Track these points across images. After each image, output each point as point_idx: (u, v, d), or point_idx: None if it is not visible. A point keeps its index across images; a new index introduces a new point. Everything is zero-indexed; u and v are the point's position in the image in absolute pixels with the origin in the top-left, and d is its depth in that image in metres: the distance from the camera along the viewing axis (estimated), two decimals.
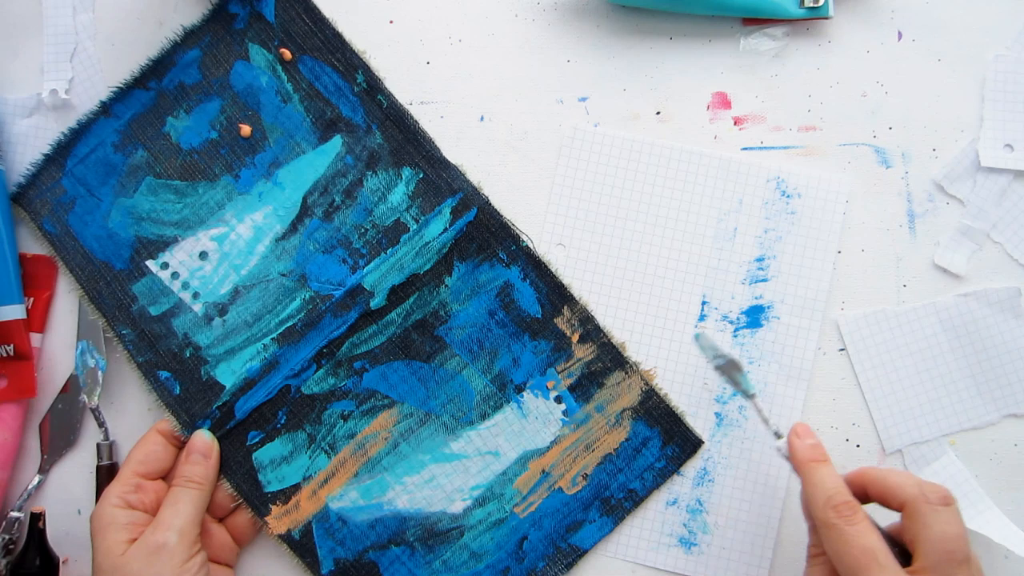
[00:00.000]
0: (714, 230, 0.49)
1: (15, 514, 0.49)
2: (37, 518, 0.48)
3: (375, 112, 0.49)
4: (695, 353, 0.48)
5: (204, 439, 0.47)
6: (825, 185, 0.49)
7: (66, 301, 0.51)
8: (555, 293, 0.48)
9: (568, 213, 0.49)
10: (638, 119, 0.50)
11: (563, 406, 0.47)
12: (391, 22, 0.51)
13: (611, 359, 0.48)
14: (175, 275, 0.49)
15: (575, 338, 0.48)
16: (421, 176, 0.49)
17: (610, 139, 0.50)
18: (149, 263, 0.49)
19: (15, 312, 0.49)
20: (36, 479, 0.50)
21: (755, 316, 0.48)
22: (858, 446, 0.48)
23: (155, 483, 0.46)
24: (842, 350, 0.48)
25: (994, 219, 0.48)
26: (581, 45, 0.51)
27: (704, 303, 0.49)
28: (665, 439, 0.47)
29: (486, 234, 0.48)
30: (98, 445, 0.49)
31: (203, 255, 0.49)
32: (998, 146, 0.48)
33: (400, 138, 0.49)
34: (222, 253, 0.49)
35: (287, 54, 0.49)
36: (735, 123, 0.50)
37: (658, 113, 0.50)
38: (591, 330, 0.48)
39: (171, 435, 0.48)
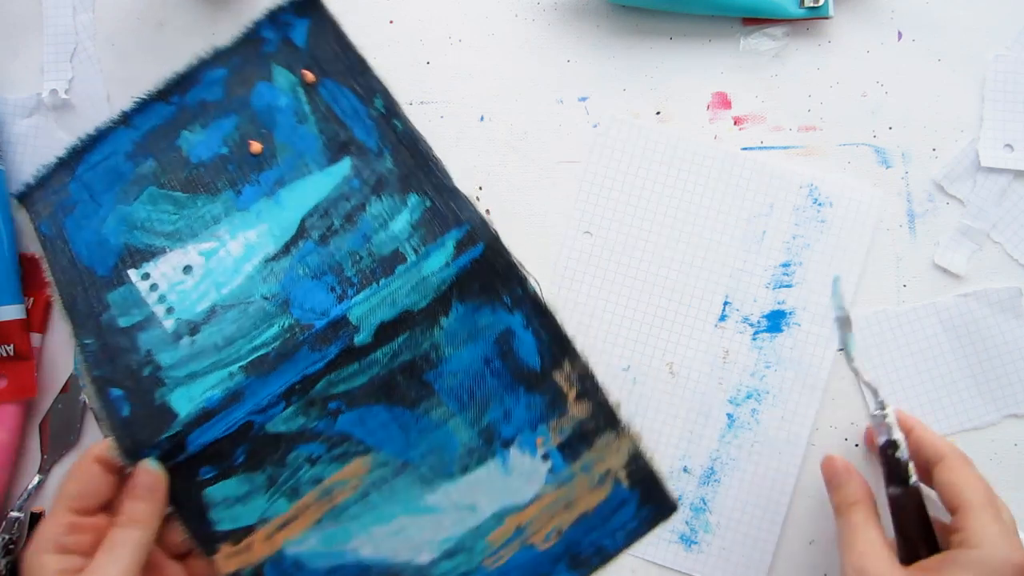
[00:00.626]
0: (743, 231, 0.49)
1: (15, 514, 0.49)
2: (37, 518, 0.48)
3: (389, 136, 0.47)
4: (709, 350, 0.48)
5: (151, 471, 0.42)
6: (858, 196, 0.48)
7: None
8: (557, 345, 0.45)
9: (598, 202, 0.49)
10: (638, 119, 0.50)
11: (549, 463, 0.45)
12: (391, 22, 0.51)
13: (605, 419, 0.46)
14: (154, 287, 0.46)
15: (572, 395, 0.45)
16: (428, 205, 0.45)
17: (647, 132, 0.50)
18: (130, 272, 0.46)
19: (15, 312, 0.49)
20: (36, 479, 0.50)
21: (776, 321, 0.48)
22: (856, 446, 0.48)
23: (93, 519, 0.41)
24: (841, 350, 0.48)
25: (994, 219, 0.48)
26: (581, 45, 0.51)
27: (726, 303, 0.49)
28: (642, 500, 0.46)
29: (491, 274, 0.44)
30: None
31: (187, 269, 0.46)
32: (998, 146, 0.48)
33: (411, 163, 0.46)
34: (207, 269, 0.46)
35: (309, 76, 0.48)
36: (735, 123, 0.50)
37: (658, 113, 0.50)
38: (589, 387, 0.45)
39: (110, 462, 0.42)
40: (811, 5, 0.49)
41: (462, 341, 0.45)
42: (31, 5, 0.53)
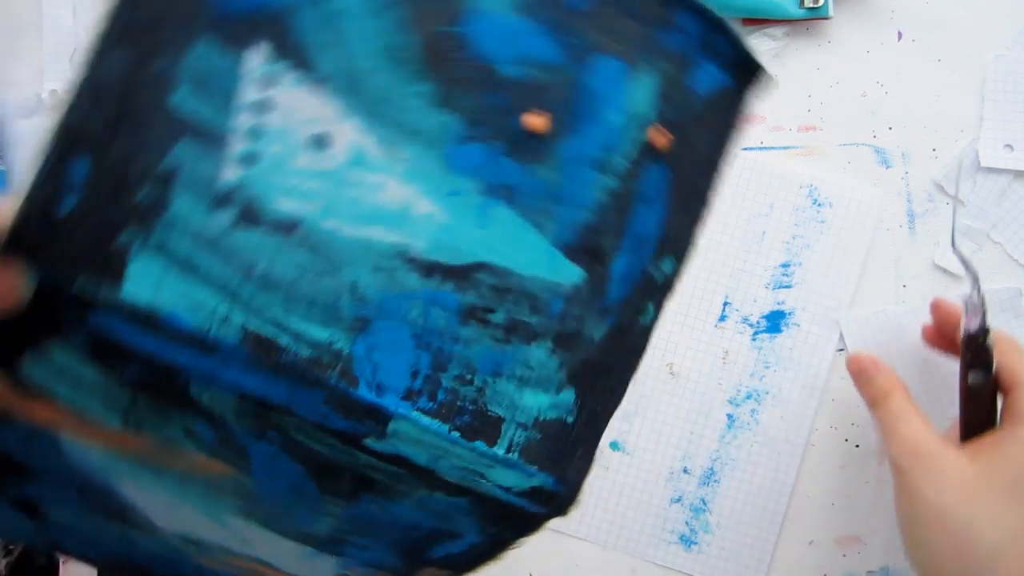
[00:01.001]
0: (743, 231, 0.49)
1: None
2: None
3: (628, 310, 0.32)
4: (709, 351, 0.48)
5: (14, 281, 0.24)
6: (858, 196, 0.49)
7: None
8: (470, 570, 0.35)
9: None
10: None
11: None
12: None
13: None
14: (262, 106, 0.25)
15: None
16: (569, 421, 0.31)
17: None
18: (259, 47, 0.25)
19: None
20: None
21: (775, 321, 0.48)
22: (857, 446, 0.48)
23: None
24: (841, 350, 0.48)
25: (994, 219, 0.48)
26: None
27: (726, 303, 0.49)
28: None
29: (516, 518, 0.33)
30: None
31: (319, 140, 0.26)
32: (998, 146, 0.48)
33: (607, 363, 0.32)
34: (341, 172, 0.26)
35: (662, 140, 0.30)
36: None
37: None
38: None
39: None
40: (811, 5, 0.49)
41: (427, 509, 0.33)
42: (31, 5, 0.53)
